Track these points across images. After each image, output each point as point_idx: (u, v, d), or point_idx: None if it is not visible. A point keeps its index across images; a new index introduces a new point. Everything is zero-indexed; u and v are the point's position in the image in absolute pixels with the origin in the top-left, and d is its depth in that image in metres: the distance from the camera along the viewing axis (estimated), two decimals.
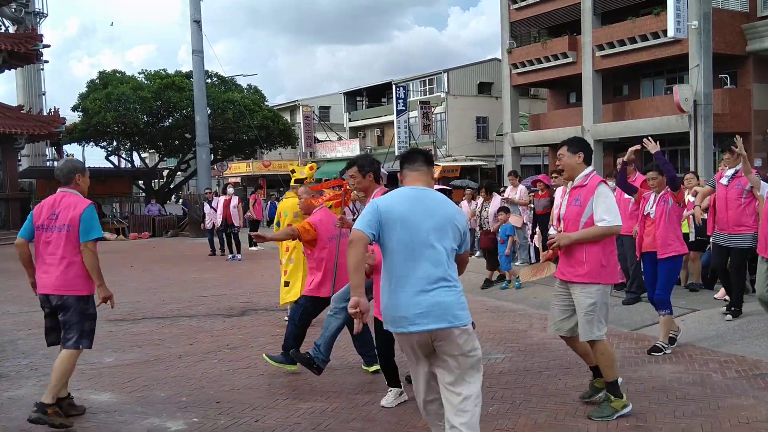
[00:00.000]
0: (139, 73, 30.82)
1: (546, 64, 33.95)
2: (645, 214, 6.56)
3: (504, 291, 10.04)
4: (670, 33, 26.86)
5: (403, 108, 43.08)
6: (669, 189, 6.30)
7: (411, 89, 46.27)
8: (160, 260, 16.29)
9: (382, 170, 5.43)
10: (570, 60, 32.71)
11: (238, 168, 55.80)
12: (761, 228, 6.48)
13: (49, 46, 27.20)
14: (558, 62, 33.32)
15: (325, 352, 5.54)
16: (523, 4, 34.67)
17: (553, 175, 11.07)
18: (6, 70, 27.95)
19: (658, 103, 30.21)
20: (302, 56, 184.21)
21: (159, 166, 36.18)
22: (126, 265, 15.32)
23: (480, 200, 11.34)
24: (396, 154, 43.25)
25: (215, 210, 16.84)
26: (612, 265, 4.75)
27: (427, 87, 46.82)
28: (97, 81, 29.84)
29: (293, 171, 7.68)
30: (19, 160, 29.49)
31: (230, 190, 17.40)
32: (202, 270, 14.33)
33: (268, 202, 26.17)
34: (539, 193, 11.13)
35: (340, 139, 54.80)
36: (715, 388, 5.25)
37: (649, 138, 6.36)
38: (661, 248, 6.30)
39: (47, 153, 37.48)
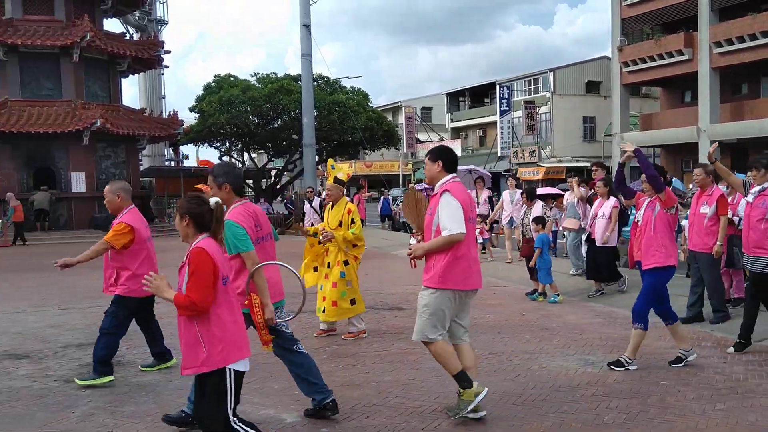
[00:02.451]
0: (251, 76, 31.98)
1: (659, 62, 32.66)
2: (636, 220, 6.22)
3: (615, 297, 9.71)
4: None
5: (507, 108, 42.55)
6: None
7: (515, 89, 45.61)
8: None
9: (483, 171, 5.40)
10: (685, 57, 31.31)
11: (342, 168, 56.80)
12: None
13: (169, 52, 28.78)
14: (672, 60, 31.98)
15: None
16: (636, 0, 33.48)
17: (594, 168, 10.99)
18: (130, 75, 29.74)
19: None
20: (404, 57, 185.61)
21: (267, 166, 37.36)
22: None
23: (523, 207, 10.93)
24: (498, 154, 42.83)
25: (316, 210, 16.70)
26: (458, 271, 4.67)
27: (532, 87, 46.01)
28: (213, 84, 31.18)
29: (333, 167, 7.64)
30: (140, 160, 31.24)
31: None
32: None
33: (381, 198, 27.00)
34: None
35: (441, 139, 54.75)
36: None
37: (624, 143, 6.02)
38: (643, 258, 5.92)
39: (165, 153, 39.59)
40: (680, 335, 6.12)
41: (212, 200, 3.69)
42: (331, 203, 7.40)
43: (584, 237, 10.45)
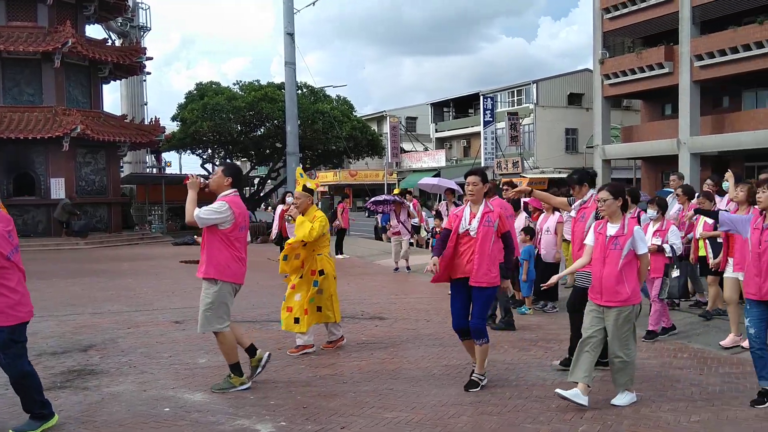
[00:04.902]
0: (234, 84, 31.88)
1: (640, 75, 33.02)
2: (463, 231, 5.74)
3: None
4: None
5: (491, 119, 42.82)
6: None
7: (499, 100, 45.91)
8: (249, 265, 16.70)
9: (449, 182, 5.34)
10: (666, 70, 31.67)
11: (326, 177, 56.75)
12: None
13: (151, 58, 28.59)
14: (653, 73, 32.34)
15: None
16: (617, 13, 33.86)
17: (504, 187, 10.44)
18: (111, 81, 29.55)
19: (761, 116, 28.84)
20: (389, 67, 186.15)
21: (251, 174, 37.23)
22: None
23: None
24: (482, 165, 43.02)
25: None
26: (234, 269, 5.71)
27: (515, 98, 46.34)
28: (195, 92, 31.04)
29: (302, 175, 7.37)
30: (121, 167, 31.00)
31: (289, 199, 14.15)
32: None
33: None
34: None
35: (426, 149, 54.89)
36: None
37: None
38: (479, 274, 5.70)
39: (147, 160, 39.32)
40: (482, 358, 5.82)
41: None
42: (300, 213, 7.10)
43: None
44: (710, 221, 7.87)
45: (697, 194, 8.68)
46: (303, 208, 7.04)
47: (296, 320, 6.96)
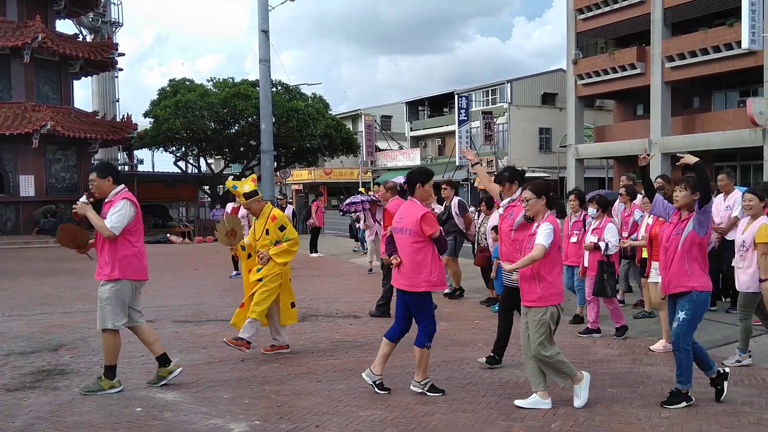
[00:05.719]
0: (208, 81, 31.60)
1: (613, 75, 33.41)
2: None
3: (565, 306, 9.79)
4: (744, 44, 26.09)
5: (465, 118, 42.97)
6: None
7: (473, 99, 46.12)
8: (224, 263, 16.58)
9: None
10: (638, 71, 32.08)
11: (300, 175, 56.56)
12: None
13: (123, 54, 28.26)
14: (625, 73, 32.74)
15: None
16: (591, 14, 34.22)
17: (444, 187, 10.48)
18: (83, 77, 29.14)
19: (730, 117, 29.32)
20: (365, 66, 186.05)
21: (224, 172, 36.93)
22: (191, 268, 15.70)
23: (481, 215, 10.55)
24: (457, 164, 43.20)
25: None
26: (136, 264, 5.62)
27: (490, 97, 46.59)
28: (168, 89, 30.71)
29: (235, 187, 7.11)
30: (93, 164, 30.57)
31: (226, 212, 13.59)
32: None
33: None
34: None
35: (400, 148, 54.97)
36: None
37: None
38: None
39: (119, 157, 38.81)
40: (422, 363, 5.57)
41: None
42: (255, 216, 7.07)
43: None
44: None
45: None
46: (258, 211, 7.00)
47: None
